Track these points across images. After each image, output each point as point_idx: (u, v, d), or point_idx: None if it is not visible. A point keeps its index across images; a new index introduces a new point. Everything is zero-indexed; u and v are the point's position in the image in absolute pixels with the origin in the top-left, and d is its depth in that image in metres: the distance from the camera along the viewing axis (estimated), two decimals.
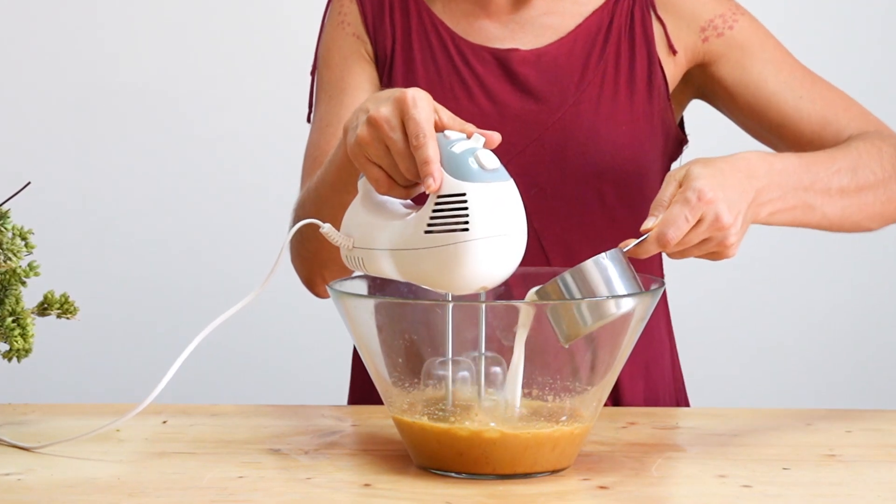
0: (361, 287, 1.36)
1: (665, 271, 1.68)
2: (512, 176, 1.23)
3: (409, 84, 1.62)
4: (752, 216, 1.36)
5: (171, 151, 2.87)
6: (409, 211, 1.27)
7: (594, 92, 1.61)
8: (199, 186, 2.86)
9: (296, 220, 1.55)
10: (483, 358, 1.27)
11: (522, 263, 1.23)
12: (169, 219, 2.87)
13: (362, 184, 1.31)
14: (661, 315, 1.70)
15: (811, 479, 1.27)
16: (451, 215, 1.20)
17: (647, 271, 1.55)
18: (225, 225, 2.87)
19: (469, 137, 1.24)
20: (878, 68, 2.86)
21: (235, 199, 2.87)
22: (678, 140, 1.67)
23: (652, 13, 1.63)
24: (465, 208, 1.20)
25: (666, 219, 1.28)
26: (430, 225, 1.21)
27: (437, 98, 1.30)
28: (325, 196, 1.47)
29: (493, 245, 1.20)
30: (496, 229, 1.20)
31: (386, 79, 1.65)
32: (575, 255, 1.45)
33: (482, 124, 1.33)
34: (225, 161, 2.87)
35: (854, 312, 2.94)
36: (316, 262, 1.56)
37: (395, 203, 1.30)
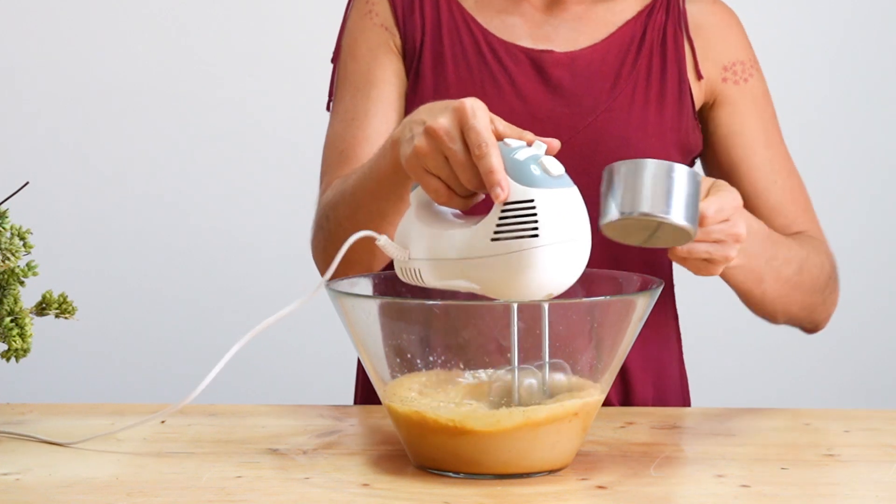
0: (359, 287, 1.35)
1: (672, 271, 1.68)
2: None
3: (438, 79, 1.60)
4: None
5: (170, 150, 2.86)
6: (465, 220, 1.26)
7: (626, 100, 1.60)
8: (199, 186, 2.86)
9: (324, 218, 1.53)
10: (546, 366, 1.26)
11: None
12: (168, 219, 2.87)
13: (416, 195, 1.29)
14: (671, 316, 1.69)
15: (809, 478, 1.27)
16: (519, 222, 1.20)
17: (657, 271, 1.55)
18: (224, 225, 2.86)
19: (529, 145, 1.23)
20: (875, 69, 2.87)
21: (235, 198, 2.86)
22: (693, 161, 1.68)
23: (684, 33, 1.63)
24: (534, 214, 1.19)
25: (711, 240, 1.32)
26: (496, 232, 1.21)
27: (467, 94, 1.28)
28: (362, 202, 1.45)
29: (561, 250, 1.20)
30: (564, 235, 1.20)
31: (413, 73, 1.62)
32: (603, 261, 1.40)
33: (511, 123, 1.32)
34: (226, 159, 2.86)
35: (852, 313, 2.92)
36: (344, 263, 1.54)
37: (450, 213, 1.28)
